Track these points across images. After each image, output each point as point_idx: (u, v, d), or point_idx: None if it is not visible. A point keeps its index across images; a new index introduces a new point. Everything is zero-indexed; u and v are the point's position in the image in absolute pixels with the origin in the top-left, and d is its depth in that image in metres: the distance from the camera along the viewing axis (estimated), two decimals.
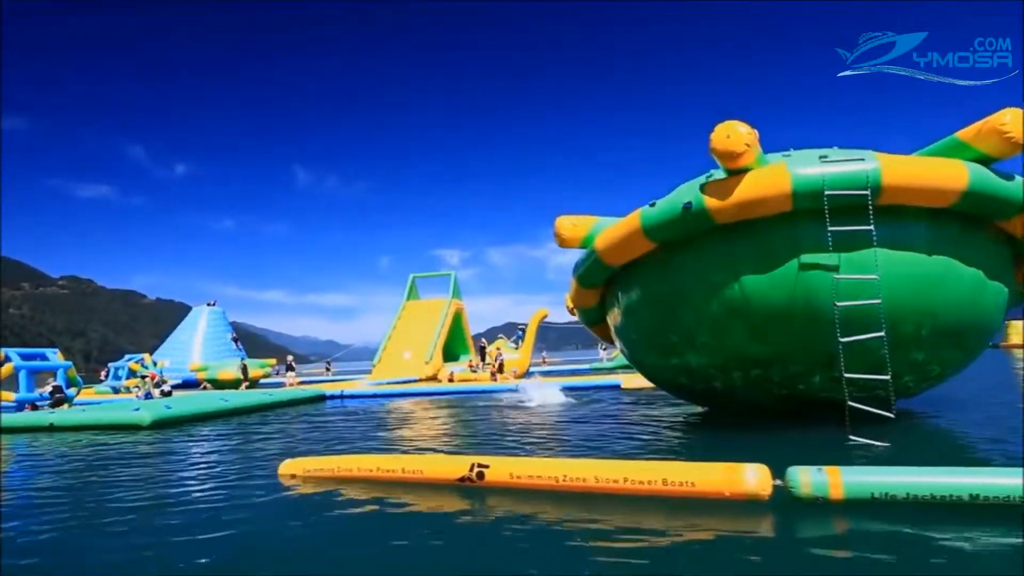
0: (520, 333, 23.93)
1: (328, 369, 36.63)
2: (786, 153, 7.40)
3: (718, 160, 6.77)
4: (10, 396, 15.09)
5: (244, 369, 24.91)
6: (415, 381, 23.42)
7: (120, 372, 24.76)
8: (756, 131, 6.60)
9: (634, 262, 8.12)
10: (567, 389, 16.15)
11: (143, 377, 17.71)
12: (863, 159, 6.58)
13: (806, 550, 3.58)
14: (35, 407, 15.19)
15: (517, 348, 23.17)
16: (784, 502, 4.30)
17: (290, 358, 27.19)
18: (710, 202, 6.89)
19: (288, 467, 6.21)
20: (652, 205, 7.51)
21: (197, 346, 33.47)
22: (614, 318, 9.34)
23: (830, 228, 6.50)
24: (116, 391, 22.96)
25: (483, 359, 24.73)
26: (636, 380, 17.36)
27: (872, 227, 6.45)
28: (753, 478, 4.36)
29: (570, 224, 8.87)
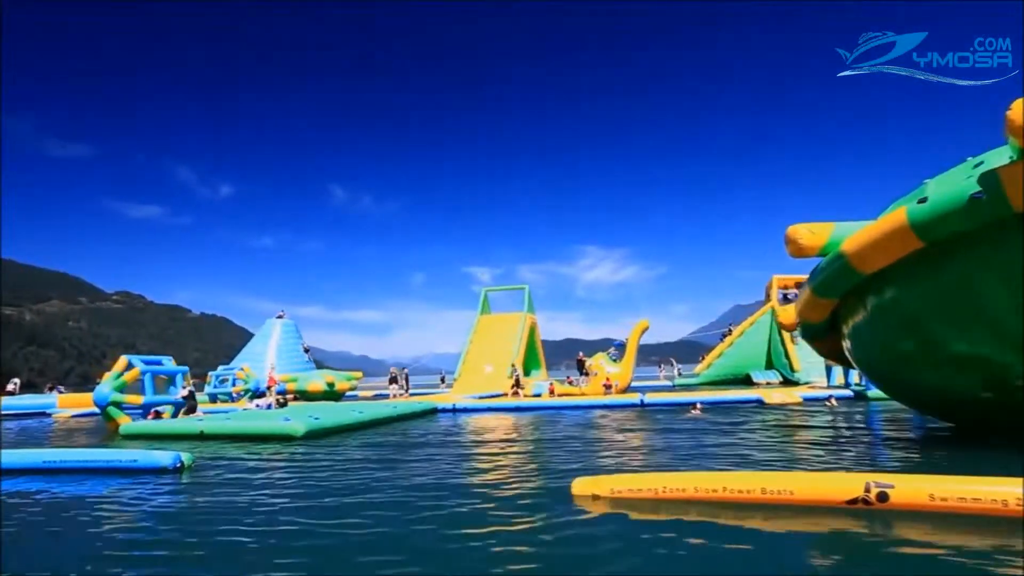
0: (619, 344, 22.82)
1: (443, 381, 37.35)
2: None
3: (1016, 137, 5.78)
4: (138, 399, 14.84)
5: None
6: (499, 396, 22.64)
7: (223, 381, 24.67)
8: None
9: (889, 267, 7.33)
10: (709, 404, 15.62)
11: (268, 387, 17.36)
12: None
13: None
14: (158, 414, 14.92)
15: (616, 361, 22.03)
16: None
17: (394, 370, 26.76)
18: (1011, 189, 5.94)
19: (586, 486, 5.46)
20: (923, 201, 6.71)
21: (271, 357, 33.63)
22: (854, 330, 8.42)
23: None
24: (213, 399, 22.75)
25: (581, 372, 23.68)
26: (777, 396, 16.42)
27: None
28: None
29: (807, 231, 8.24)
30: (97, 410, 20.98)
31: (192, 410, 14.72)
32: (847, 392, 17.30)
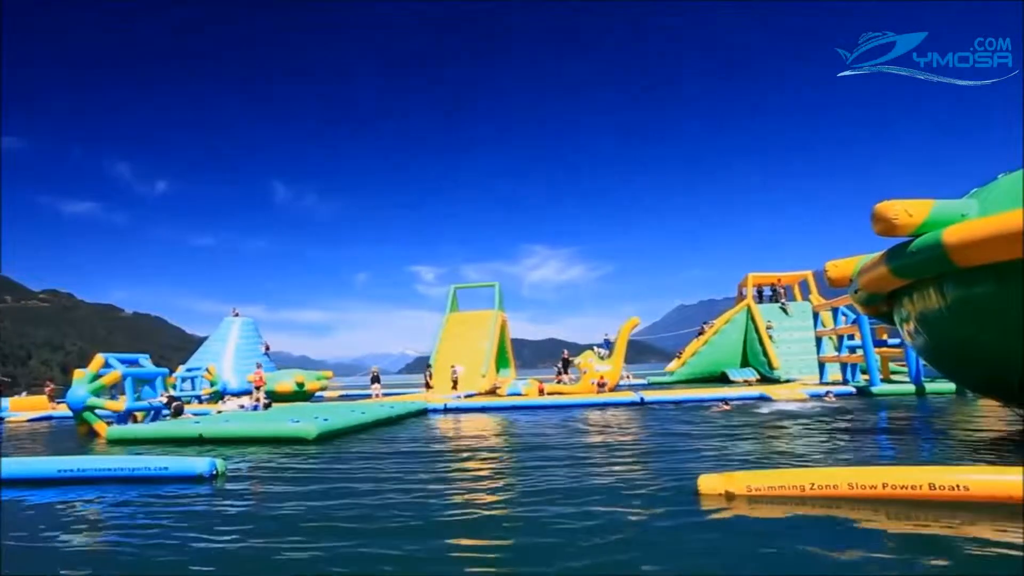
0: (608, 343, 22.94)
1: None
2: None
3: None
4: (118, 405, 13.65)
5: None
6: (473, 395, 22.38)
7: (187, 382, 23.27)
8: None
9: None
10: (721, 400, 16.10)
11: (256, 387, 16.39)
12: None
13: None
14: (136, 419, 13.86)
15: (605, 359, 22.15)
16: None
17: (375, 369, 25.90)
18: None
19: (716, 483, 5.19)
20: None
21: (229, 356, 32.37)
22: (921, 313, 8.58)
23: None
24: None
25: (566, 370, 23.69)
26: (783, 392, 16.84)
27: None
28: None
29: (903, 209, 7.87)
30: (56, 415, 19.47)
31: (179, 413, 13.71)
32: (847, 389, 17.84)
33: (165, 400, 13.86)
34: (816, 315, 23.06)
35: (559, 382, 22.67)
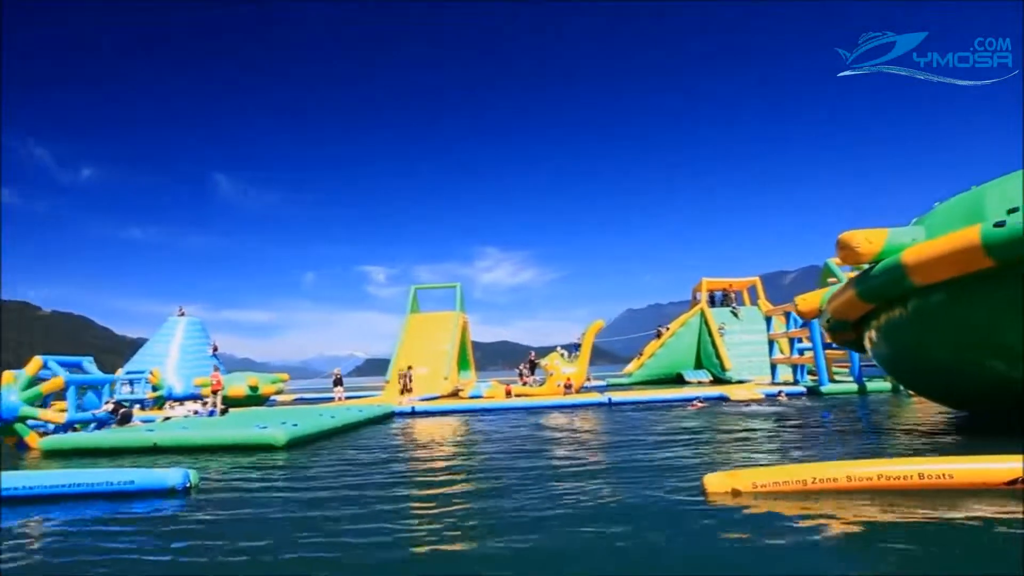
0: (575, 346, 23.12)
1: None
2: None
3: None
4: (58, 417, 12.40)
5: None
6: (436, 398, 22.08)
7: (127, 386, 21.74)
8: None
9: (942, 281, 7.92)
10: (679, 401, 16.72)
11: (214, 390, 15.39)
12: None
13: None
14: (75, 430, 12.57)
15: (571, 361, 22.30)
16: None
17: (337, 371, 25.00)
18: None
19: (722, 481, 5.29)
20: (1000, 225, 7.25)
21: (173, 359, 30.92)
22: (886, 331, 9.23)
23: None
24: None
25: (532, 372, 23.69)
26: (741, 392, 17.39)
27: None
28: None
29: (864, 238, 8.61)
30: None
31: (127, 420, 12.68)
32: (799, 388, 18.69)
33: (111, 408, 12.77)
34: (769, 319, 24.04)
35: (524, 384, 22.64)
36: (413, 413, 17.18)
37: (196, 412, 15.11)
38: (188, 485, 6.66)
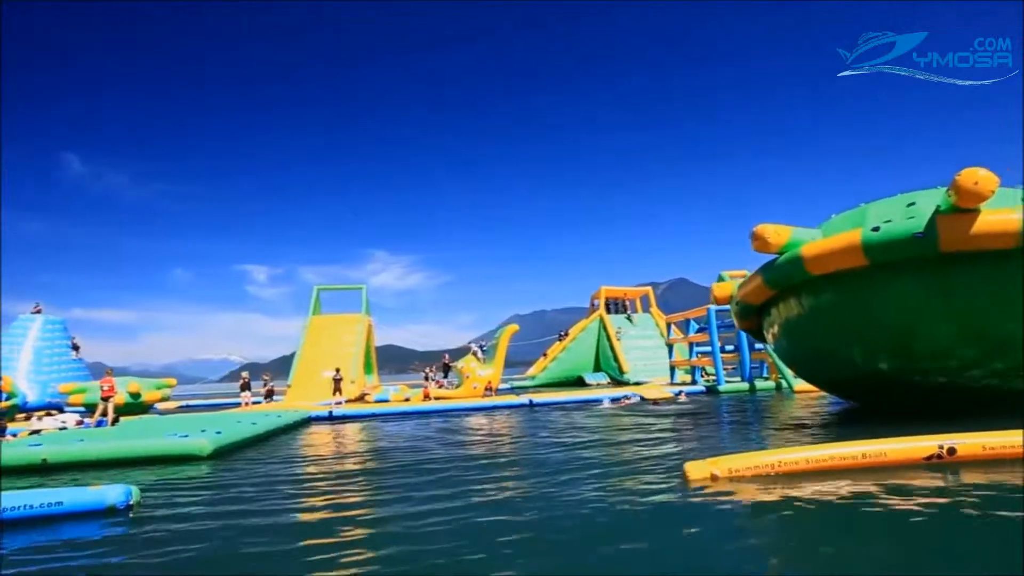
0: (487, 348, 23.40)
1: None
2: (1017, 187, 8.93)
3: (962, 199, 7.88)
4: None
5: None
6: (343, 402, 21.39)
7: None
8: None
9: (829, 275, 9.43)
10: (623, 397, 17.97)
11: (104, 397, 13.47)
12: None
13: None
14: None
15: (485, 363, 22.59)
16: None
17: (245, 375, 22.97)
18: (945, 233, 8.13)
19: (702, 468, 5.85)
20: (876, 230, 8.65)
21: (24, 363, 27.34)
22: (783, 318, 10.70)
23: None
24: None
25: (446, 375, 23.63)
26: (652, 391, 18.59)
27: None
28: None
29: (773, 231, 9.88)
30: None
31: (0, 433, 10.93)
32: (699, 388, 20.53)
33: None
34: (669, 326, 26.05)
35: (441, 386, 22.54)
36: (331, 417, 16.50)
37: (81, 423, 13.32)
38: (130, 503, 5.98)
